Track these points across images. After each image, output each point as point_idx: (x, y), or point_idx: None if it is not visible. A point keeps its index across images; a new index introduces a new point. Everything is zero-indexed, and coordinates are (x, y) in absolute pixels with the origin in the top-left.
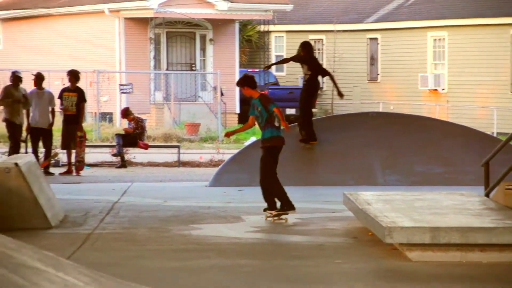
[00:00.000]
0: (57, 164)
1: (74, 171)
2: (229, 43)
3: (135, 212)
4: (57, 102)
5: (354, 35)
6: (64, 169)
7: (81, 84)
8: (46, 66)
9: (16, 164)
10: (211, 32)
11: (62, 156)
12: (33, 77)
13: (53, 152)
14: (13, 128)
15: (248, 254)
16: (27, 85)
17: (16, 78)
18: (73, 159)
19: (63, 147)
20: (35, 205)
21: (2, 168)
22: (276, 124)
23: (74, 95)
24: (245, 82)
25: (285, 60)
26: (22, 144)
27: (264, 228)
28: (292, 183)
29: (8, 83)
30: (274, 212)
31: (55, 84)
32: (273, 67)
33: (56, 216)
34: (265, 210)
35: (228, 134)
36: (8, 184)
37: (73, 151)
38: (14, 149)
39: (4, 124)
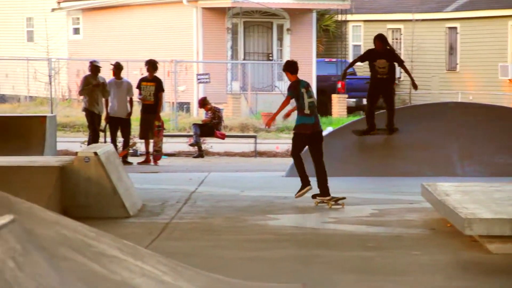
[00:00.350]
0: (135, 154)
1: (152, 160)
2: (306, 33)
3: (212, 202)
4: (135, 91)
5: (432, 25)
6: (142, 159)
7: (159, 74)
8: (124, 56)
9: (95, 153)
10: (288, 22)
11: (140, 146)
12: (111, 67)
13: (131, 141)
14: (92, 118)
15: (324, 244)
16: (106, 75)
17: (94, 67)
18: (151, 149)
19: (141, 137)
20: (113, 194)
21: (82, 157)
22: (306, 111)
23: (152, 84)
24: (285, 67)
25: (353, 62)
26: (101, 134)
27: (340, 218)
28: (369, 174)
29: (87, 73)
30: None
31: (133, 74)
32: (350, 56)
33: (134, 205)
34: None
35: (268, 123)
36: (88, 173)
37: (151, 140)
38: (93, 139)
39: (84, 113)
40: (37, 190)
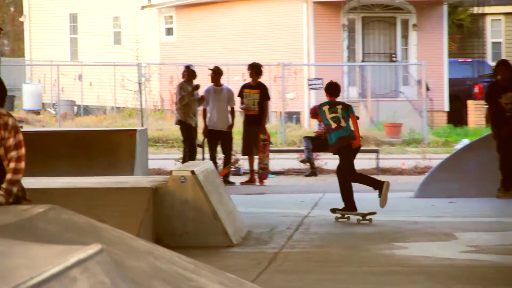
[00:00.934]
0: (238, 172)
1: (257, 180)
2: (436, 29)
3: (328, 227)
4: (237, 100)
5: None
6: (246, 178)
7: (264, 79)
8: (224, 59)
9: (192, 172)
10: (414, 17)
11: (244, 163)
12: (209, 72)
13: (233, 158)
14: (188, 131)
15: (463, 278)
16: (203, 81)
17: (190, 73)
18: (256, 166)
19: (244, 153)
20: (214, 220)
21: (177, 177)
22: (342, 124)
23: (256, 92)
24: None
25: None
26: (199, 149)
27: (481, 247)
28: None
29: (181, 79)
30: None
31: (234, 79)
32: (489, 56)
33: (238, 232)
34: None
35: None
36: (184, 195)
37: (256, 156)
38: (189, 155)
39: (178, 126)
40: (127, 215)
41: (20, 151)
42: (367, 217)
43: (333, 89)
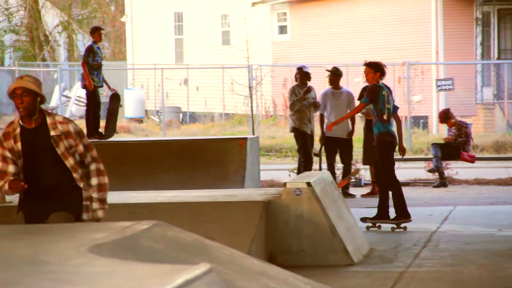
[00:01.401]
0: (358, 183)
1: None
2: None
3: (459, 244)
4: (357, 104)
5: None
6: (367, 190)
7: (387, 81)
8: (342, 59)
9: (308, 183)
10: None
11: (365, 173)
12: (327, 73)
13: (353, 168)
14: (303, 139)
15: None
16: (320, 84)
17: (303, 75)
18: None
19: (365, 162)
20: (332, 236)
21: (291, 189)
22: (384, 117)
23: None
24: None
25: None
26: (315, 159)
27: None
28: None
29: (294, 82)
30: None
31: (354, 81)
32: None
33: (359, 249)
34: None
35: (329, 127)
36: (299, 209)
37: None
38: (305, 165)
39: (292, 134)
40: (237, 231)
41: (93, 153)
42: (402, 225)
43: (383, 69)
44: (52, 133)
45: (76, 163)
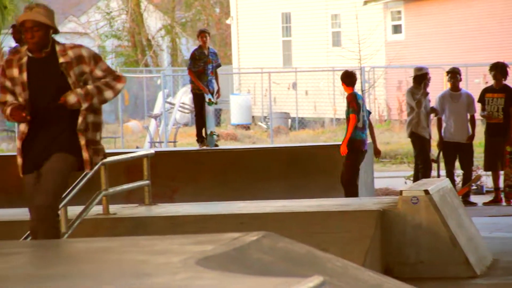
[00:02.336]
0: (480, 191)
1: (503, 199)
2: None
3: None
4: (478, 107)
5: None
6: (490, 197)
7: (510, 82)
8: (461, 59)
9: (426, 191)
10: None
11: (487, 180)
12: (444, 75)
13: (474, 174)
14: (422, 144)
15: None
16: (437, 86)
17: (420, 77)
18: (501, 184)
19: (487, 168)
20: (452, 246)
21: (408, 198)
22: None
23: (501, 96)
24: (341, 78)
25: None
26: (433, 165)
27: None
28: None
29: (410, 84)
30: None
31: (474, 82)
32: None
33: (481, 261)
34: None
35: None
36: (417, 219)
37: (502, 172)
38: (423, 172)
39: (409, 140)
40: (350, 242)
41: (115, 74)
42: None
43: (349, 77)
44: (61, 59)
45: None
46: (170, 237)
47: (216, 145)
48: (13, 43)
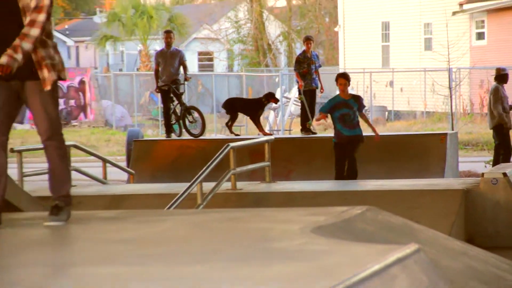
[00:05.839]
0: None
1: None
2: None
3: None
4: None
5: None
6: None
7: None
8: None
9: (504, 174)
10: None
11: None
12: None
13: None
14: (505, 135)
15: None
16: None
17: (502, 76)
18: None
19: None
20: None
21: (488, 179)
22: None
23: None
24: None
25: None
26: None
27: None
28: None
29: (492, 82)
30: None
31: None
32: None
33: None
34: None
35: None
36: (495, 197)
37: None
38: (504, 157)
39: (489, 130)
40: (439, 216)
41: (41, 2)
42: None
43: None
44: None
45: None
46: (289, 209)
47: (315, 133)
48: (158, 47)
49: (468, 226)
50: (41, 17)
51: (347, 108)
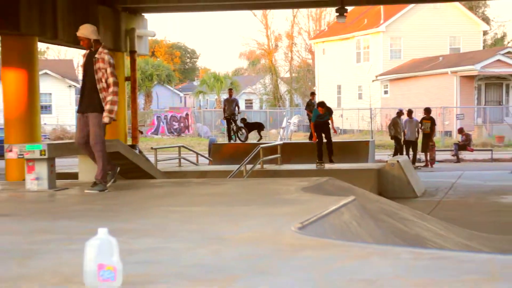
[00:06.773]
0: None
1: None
2: None
3: (467, 188)
4: None
5: None
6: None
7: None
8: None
9: (397, 161)
10: None
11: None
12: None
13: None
14: (398, 141)
15: None
16: None
17: (399, 113)
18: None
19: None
20: (407, 184)
21: (390, 164)
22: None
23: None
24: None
25: None
26: None
27: None
28: None
29: None
30: None
31: None
32: None
33: (420, 190)
34: None
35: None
36: (393, 173)
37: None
38: (395, 152)
39: None
40: (365, 182)
41: (114, 79)
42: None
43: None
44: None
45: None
46: (289, 179)
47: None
48: (224, 97)
49: (379, 187)
50: (115, 89)
51: (323, 116)
